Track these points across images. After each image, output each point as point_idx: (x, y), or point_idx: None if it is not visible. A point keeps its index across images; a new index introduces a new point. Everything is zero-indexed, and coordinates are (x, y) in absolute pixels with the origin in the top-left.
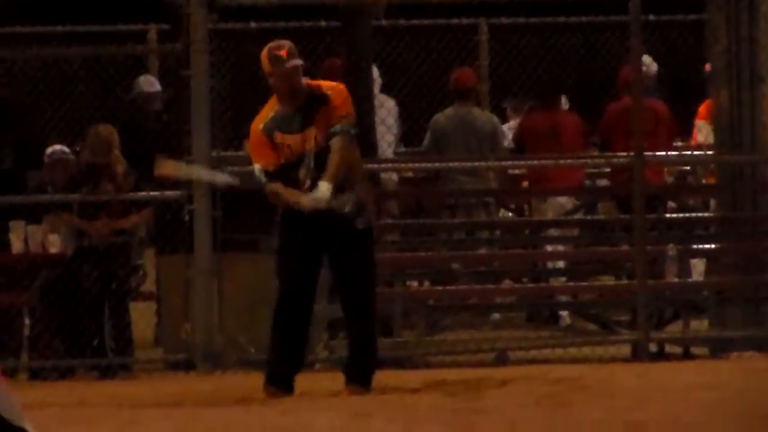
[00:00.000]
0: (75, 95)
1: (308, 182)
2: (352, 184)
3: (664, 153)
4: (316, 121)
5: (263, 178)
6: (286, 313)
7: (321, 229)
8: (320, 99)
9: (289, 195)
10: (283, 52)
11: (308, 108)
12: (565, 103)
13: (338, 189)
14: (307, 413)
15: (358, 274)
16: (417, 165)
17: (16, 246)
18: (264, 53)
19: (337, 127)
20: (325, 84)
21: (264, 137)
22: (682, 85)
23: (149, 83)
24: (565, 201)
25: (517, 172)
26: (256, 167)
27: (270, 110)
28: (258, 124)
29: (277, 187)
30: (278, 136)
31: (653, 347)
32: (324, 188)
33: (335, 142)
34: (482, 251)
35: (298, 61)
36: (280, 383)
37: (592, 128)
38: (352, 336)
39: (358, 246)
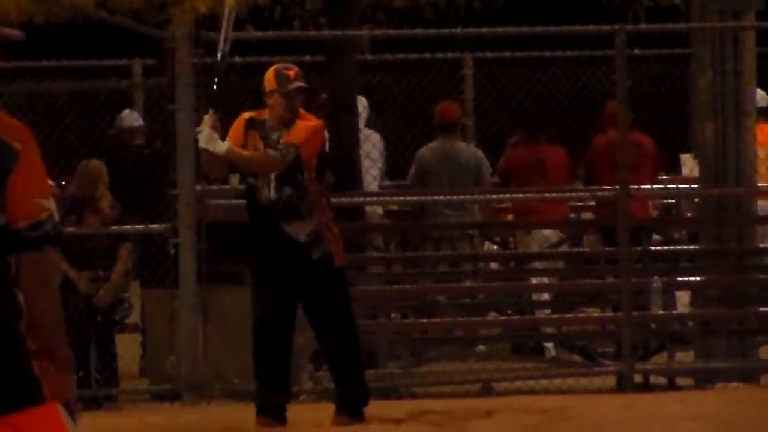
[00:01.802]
0: (61, 129)
1: (265, 195)
2: (309, 215)
3: (649, 186)
4: (278, 143)
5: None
6: (263, 342)
7: (280, 256)
8: (290, 126)
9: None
10: (291, 73)
11: (283, 130)
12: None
13: (293, 217)
14: None
15: (324, 304)
16: (402, 198)
17: None
18: (270, 71)
19: (279, 146)
20: (306, 116)
21: (243, 126)
22: (666, 119)
23: (132, 118)
24: (549, 234)
25: (501, 205)
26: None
27: (260, 115)
28: (247, 114)
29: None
30: (252, 135)
31: (638, 378)
32: (223, 144)
33: (268, 151)
34: (467, 284)
35: (303, 84)
36: (271, 414)
37: (578, 161)
38: (336, 370)
39: (318, 277)
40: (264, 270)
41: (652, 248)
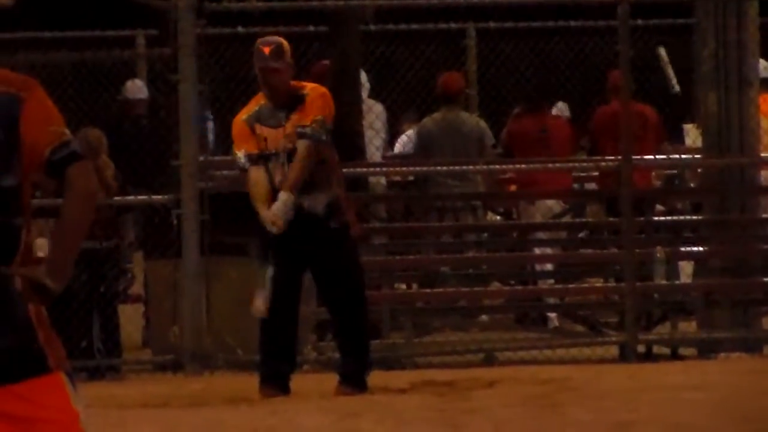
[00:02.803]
0: (64, 100)
1: (279, 177)
2: (326, 185)
3: (652, 157)
4: (291, 120)
5: (247, 163)
6: (272, 314)
7: (296, 229)
8: (299, 98)
9: (257, 201)
10: (266, 49)
11: (289, 107)
12: (565, 109)
13: (310, 189)
14: (295, 414)
15: (338, 273)
16: (405, 169)
17: None
18: (255, 48)
19: (307, 130)
20: (309, 85)
21: (246, 127)
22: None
23: (135, 89)
24: (553, 204)
25: (505, 176)
26: (239, 154)
27: (255, 104)
28: (241, 115)
29: (255, 180)
30: (258, 128)
31: (641, 348)
32: (283, 198)
33: (300, 146)
34: (470, 254)
35: (278, 64)
36: (275, 383)
37: (581, 132)
38: (342, 339)
39: (335, 246)
40: (272, 244)
41: (655, 218)
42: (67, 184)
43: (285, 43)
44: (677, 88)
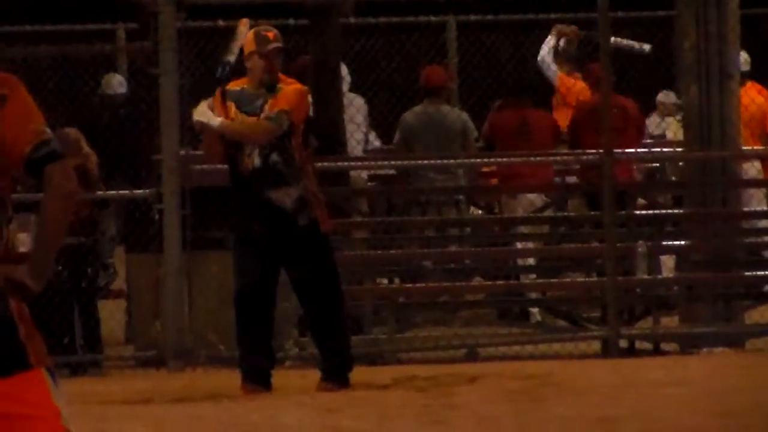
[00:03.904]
0: (44, 94)
1: (248, 164)
2: (296, 180)
3: (633, 150)
4: (263, 110)
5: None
6: (245, 308)
7: (264, 223)
8: (274, 90)
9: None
10: (270, 34)
11: (266, 97)
12: (672, 97)
13: (279, 183)
14: (277, 410)
15: (310, 271)
16: (386, 162)
17: None
18: (250, 33)
19: (271, 115)
20: (288, 80)
21: (221, 98)
22: (650, 82)
23: (114, 84)
24: (534, 198)
25: (486, 169)
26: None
27: (237, 85)
28: (224, 86)
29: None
30: (232, 108)
31: (623, 343)
32: (217, 118)
33: (261, 120)
34: (452, 248)
35: (281, 45)
36: (256, 380)
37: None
38: (320, 336)
39: (305, 243)
40: (247, 237)
41: (637, 212)
42: (47, 182)
43: None
44: (646, 46)
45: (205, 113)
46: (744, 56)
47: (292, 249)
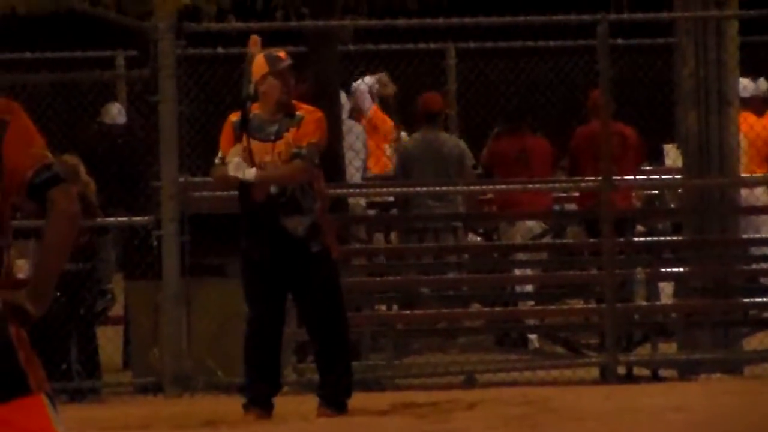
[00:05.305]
0: (43, 121)
1: (266, 189)
2: (310, 209)
3: (632, 177)
4: (285, 138)
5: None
6: (255, 336)
7: (276, 251)
8: (295, 118)
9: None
10: (281, 54)
11: (283, 123)
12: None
13: (293, 211)
14: None
15: (318, 296)
16: (385, 190)
17: None
18: (260, 58)
19: (303, 151)
20: (305, 107)
21: (232, 131)
22: (649, 109)
23: (114, 113)
24: (533, 225)
25: (484, 196)
26: (219, 156)
27: (245, 115)
28: (234, 116)
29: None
30: (245, 138)
31: (622, 370)
32: (250, 170)
33: (295, 161)
34: (451, 275)
35: (293, 63)
36: (260, 405)
37: (561, 152)
38: (322, 361)
39: (315, 269)
40: (257, 265)
41: (636, 239)
42: (50, 206)
43: None
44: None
45: (239, 167)
46: (743, 83)
47: (303, 275)
